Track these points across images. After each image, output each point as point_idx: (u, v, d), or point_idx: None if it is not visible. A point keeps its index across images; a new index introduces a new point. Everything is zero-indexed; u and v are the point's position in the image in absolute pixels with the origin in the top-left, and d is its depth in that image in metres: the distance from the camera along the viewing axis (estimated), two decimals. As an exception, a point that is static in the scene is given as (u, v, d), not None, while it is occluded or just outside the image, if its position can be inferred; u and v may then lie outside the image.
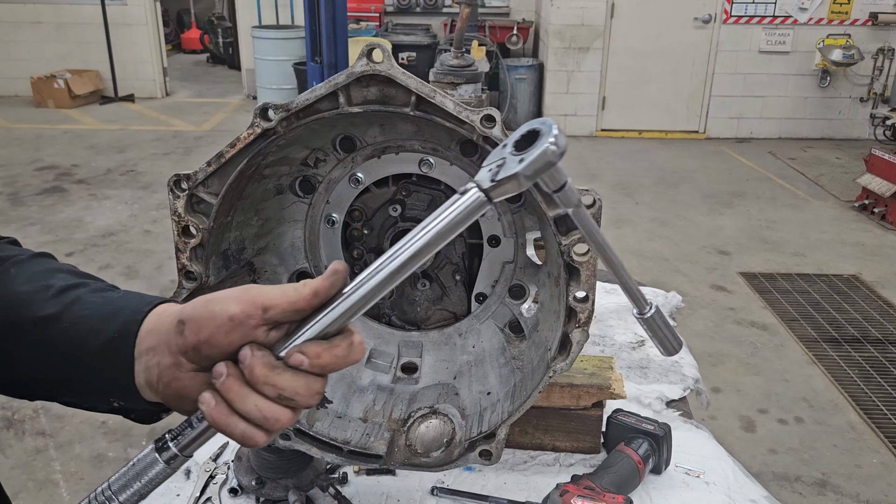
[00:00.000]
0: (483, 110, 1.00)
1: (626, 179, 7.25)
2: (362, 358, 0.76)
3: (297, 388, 0.65)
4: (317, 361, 0.65)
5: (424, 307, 1.41)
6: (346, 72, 0.99)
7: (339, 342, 0.66)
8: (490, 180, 0.62)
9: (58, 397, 0.79)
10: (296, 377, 0.65)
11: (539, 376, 1.15)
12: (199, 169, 1.05)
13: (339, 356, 0.66)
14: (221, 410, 0.65)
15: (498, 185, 0.62)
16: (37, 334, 0.75)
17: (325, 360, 0.65)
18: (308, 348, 0.65)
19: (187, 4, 14.79)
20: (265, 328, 0.66)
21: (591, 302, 1.07)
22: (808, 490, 3.13)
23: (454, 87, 1.82)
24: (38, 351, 0.75)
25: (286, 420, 0.66)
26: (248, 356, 0.64)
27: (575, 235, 1.04)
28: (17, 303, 0.76)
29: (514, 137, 0.64)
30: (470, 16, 1.95)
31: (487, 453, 1.19)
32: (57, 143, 8.05)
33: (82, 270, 0.84)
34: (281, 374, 0.65)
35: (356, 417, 1.28)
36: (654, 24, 8.46)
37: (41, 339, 0.75)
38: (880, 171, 6.22)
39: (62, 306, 0.76)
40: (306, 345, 0.65)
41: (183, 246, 1.08)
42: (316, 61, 6.70)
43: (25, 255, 0.84)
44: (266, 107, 1.02)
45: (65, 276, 0.81)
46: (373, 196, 1.34)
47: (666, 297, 2.28)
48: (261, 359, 0.65)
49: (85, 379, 0.75)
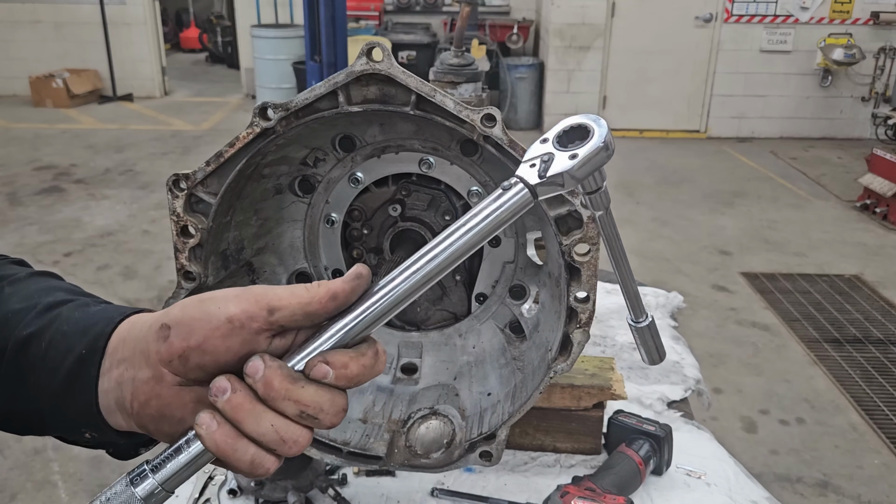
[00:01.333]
0: (483, 109, 0.99)
1: (627, 179, 7.24)
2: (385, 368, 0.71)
3: (322, 403, 0.56)
4: (343, 372, 0.56)
5: (424, 307, 1.40)
6: (346, 71, 0.98)
7: (365, 350, 0.58)
8: (539, 176, 0.57)
9: (40, 430, 0.68)
10: (320, 391, 0.56)
11: (539, 377, 1.14)
12: (198, 168, 1.04)
13: (367, 366, 0.58)
14: (226, 434, 0.55)
15: (548, 182, 0.57)
16: (16, 357, 0.65)
17: (352, 370, 0.57)
18: (334, 357, 0.56)
19: (186, 3, 14.79)
20: (268, 334, 0.57)
21: (591, 302, 1.07)
22: (810, 491, 3.12)
23: (454, 86, 1.80)
24: (13, 377, 0.65)
25: (304, 442, 0.57)
26: (261, 367, 0.55)
27: (576, 235, 1.03)
28: (5, 322, 0.67)
29: (556, 132, 0.59)
30: (470, 15, 1.93)
31: (488, 454, 1.18)
32: (55, 143, 8.04)
33: (84, 290, 0.76)
34: (304, 388, 0.55)
35: (356, 418, 1.27)
36: (655, 23, 8.45)
37: (19, 363, 0.65)
38: (882, 171, 6.21)
39: (44, 323, 0.66)
40: (331, 353, 0.56)
41: (182, 246, 1.07)
42: (315, 60, 6.70)
43: (23, 273, 0.75)
44: (265, 106, 1.01)
45: (59, 293, 0.71)
46: (373, 196, 1.33)
47: (667, 298, 2.27)
48: (279, 370, 0.55)
49: (56, 407, 0.64)
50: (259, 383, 0.55)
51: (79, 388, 0.62)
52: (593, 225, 1.01)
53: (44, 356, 0.64)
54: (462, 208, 1.32)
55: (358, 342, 0.58)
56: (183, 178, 1.05)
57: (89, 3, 9.75)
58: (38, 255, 5.14)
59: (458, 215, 1.32)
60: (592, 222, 1.01)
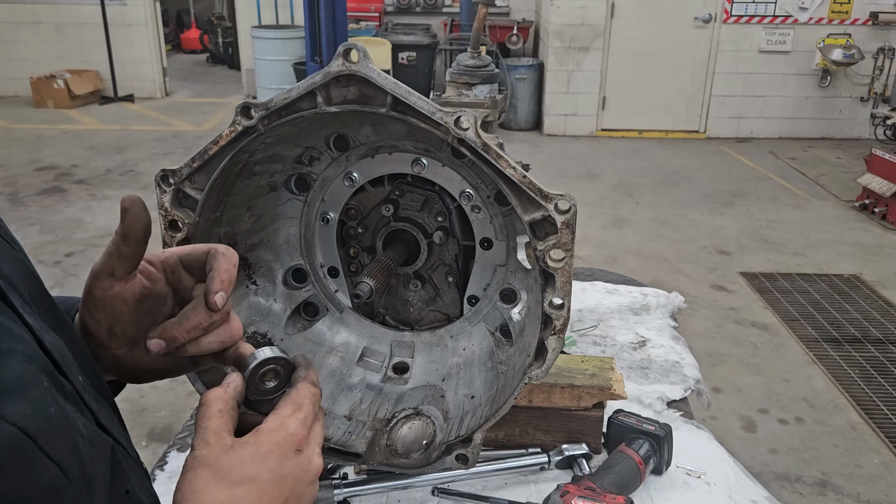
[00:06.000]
0: (457, 112, 0.98)
1: (627, 179, 7.25)
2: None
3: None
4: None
5: (418, 308, 1.41)
6: (323, 71, 1.00)
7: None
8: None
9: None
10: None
11: (516, 383, 1.14)
12: (184, 165, 1.06)
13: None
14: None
15: None
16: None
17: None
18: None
19: (187, 4, 14.78)
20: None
21: (566, 309, 1.06)
22: (809, 490, 3.12)
23: (469, 88, 1.78)
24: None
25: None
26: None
27: (550, 241, 1.02)
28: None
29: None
30: (478, 16, 1.92)
31: (464, 457, 1.19)
32: (56, 144, 8.04)
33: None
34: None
35: (341, 415, 1.28)
36: (655, 24, 8.46)
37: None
38: (881, 171, 6.21)
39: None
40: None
41: (169, 240, 1.09)
42: (316, 61, 6.71)
43: None
44: (247, 105, 1.03)
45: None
46: (368, 195, 1.34)
47: (668, 298, 2.27)
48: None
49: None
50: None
51: None
52: (567, 231, 1.01)
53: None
54: (455, 210, 1.32)
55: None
56: (171, 174, 1.07)
57: (90, 4, 9.74)
58: (39, 255, 5.14)
59: (452, 217, 1.33)
60: (566, 228, 1.01)
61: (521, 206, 1.02)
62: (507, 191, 1.02)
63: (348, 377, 1.35)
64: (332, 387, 1.32)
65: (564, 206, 1.00)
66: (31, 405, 0.49)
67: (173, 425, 3.40)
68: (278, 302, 1.33)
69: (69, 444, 0.52)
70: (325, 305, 1.39)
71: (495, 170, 1.00)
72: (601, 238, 5.76)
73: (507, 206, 1.24)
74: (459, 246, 1.35)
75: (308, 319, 1.38)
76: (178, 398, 3.57)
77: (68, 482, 0.51)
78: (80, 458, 0.53)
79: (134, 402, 3.51)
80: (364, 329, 1.39)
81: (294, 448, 0.69)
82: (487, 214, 1.26)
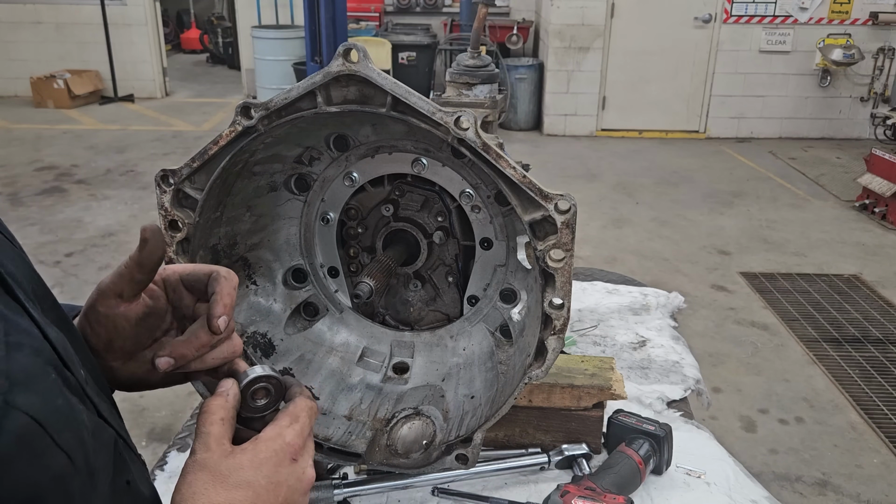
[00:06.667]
0: (456, 112, 0.99)
1: (627, 179, 7.24)
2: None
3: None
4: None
5: (418, 308, 1.41)
6: (323, 71, 1.00)
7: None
8: None
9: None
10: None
11: (516, 383, 1.14)
12: (184, 165, 1.06)
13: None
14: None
15: None
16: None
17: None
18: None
19: (187, 4, 14.78)
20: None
21: (566, 309, 1.05)
22: (809, 490, 3.12)
23: (469, 88, 1.78)
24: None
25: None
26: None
27: (550, 241, 1.02)
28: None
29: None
30: (478, 16, 1.91)
31: (464, 457, 1.19)
32: (57, 144, 8.04)
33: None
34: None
35: (341, 415, 1.28)
36: (655, 24, 8.45)
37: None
38: (881, 171, 6.21)
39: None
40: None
41: (169, 240, 1.09)
42: (316, 61, 6.71)
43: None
44: (247, 105, 1.03)
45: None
46: (368, 195, 1.33)
47: (668, 298, 2.26)
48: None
49: None
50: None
51: None
52: (567, 231, 1.01)
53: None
54: (455, 210, 1.32)
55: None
56: (171, 174, 1.07)
57: (90, 4, 9.74)
58: (39, 255, 5.14)
59: (452, 216, 1.33)
60: (566, 228, 1.01)
61: (521, 206, 1.02)
62: (507, 191, 1.02)
63: (348, 377, 1.35)
64: (332, 387, 1.32)
65: (564, 206, 1.00)
66: (40, 396, 0.51)
67: (173, 425, 3.40)
68: (278, 302, 1.33)
69: (75, 435, 0.54)
70: (325, 305, 1.38)
71: (495, 170, 1.00)
72: (601, 238, 5.76)
73: (507, 206, 1.24)
74: (459, 246, 1.35)
75: (308, 319, 1.38)
76: (178, 398, 3.57)
77: (75, 471, 0.53)
78: (85, 449, 0.55)
79: (134, 402, 3.51)
80: (364, 329, 1.39)
81: (290, 457, 0.71)
82: (487, 214, 1.26)
